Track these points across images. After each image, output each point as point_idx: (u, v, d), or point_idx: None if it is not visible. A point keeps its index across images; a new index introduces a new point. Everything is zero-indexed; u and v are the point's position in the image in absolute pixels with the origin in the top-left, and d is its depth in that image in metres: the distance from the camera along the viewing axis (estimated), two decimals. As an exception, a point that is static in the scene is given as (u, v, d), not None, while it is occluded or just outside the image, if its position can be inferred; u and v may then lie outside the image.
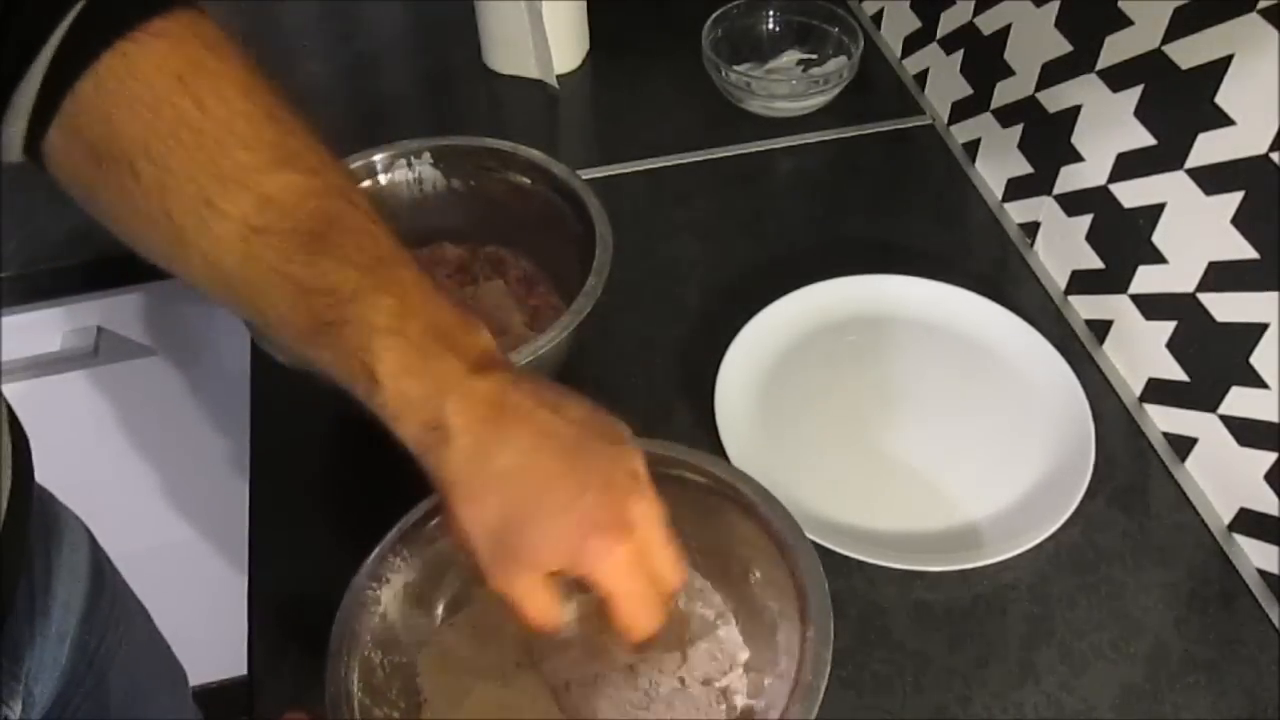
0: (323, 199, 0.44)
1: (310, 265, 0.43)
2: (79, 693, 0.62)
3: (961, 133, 0.95)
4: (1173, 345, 0.70)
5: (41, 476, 0.59)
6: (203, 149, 0.43)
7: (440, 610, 0.58)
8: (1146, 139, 0.69)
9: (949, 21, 0.93)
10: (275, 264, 0.43)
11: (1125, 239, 0.73)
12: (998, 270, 0.85)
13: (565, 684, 0.56)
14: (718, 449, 0.70)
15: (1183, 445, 0.71)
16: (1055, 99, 0.79)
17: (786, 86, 0.99)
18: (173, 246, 0.44)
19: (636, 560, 0.44)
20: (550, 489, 0.44)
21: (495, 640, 0.57)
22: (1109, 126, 0.72)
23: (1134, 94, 0.69)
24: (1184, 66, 0.64)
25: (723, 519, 0.57)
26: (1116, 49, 0.70)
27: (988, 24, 0.86)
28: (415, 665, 0.56)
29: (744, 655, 0.56)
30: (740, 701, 0.55)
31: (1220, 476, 0.68)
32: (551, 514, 0.43)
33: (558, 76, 1.02)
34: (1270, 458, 0.62)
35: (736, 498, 0.56)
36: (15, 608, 0.56)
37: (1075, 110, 0.76)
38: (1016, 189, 0.87)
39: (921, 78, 1.01)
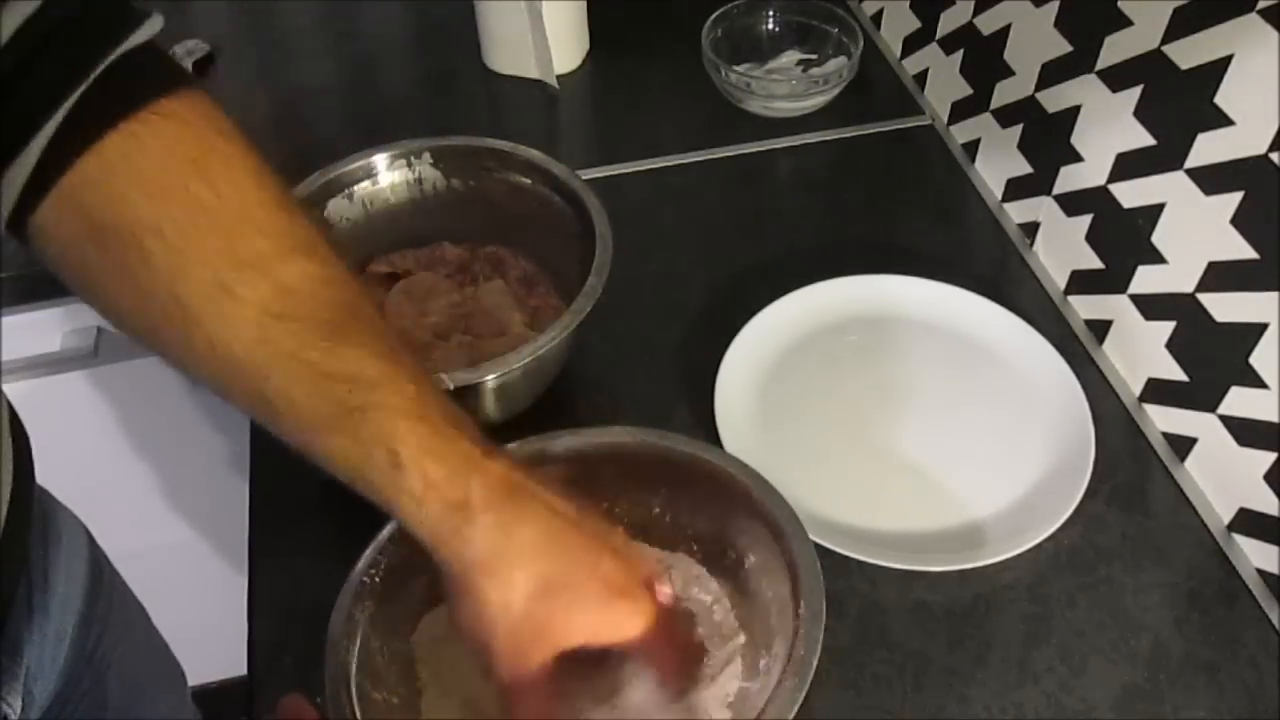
0: (337, 288, 0.45)
1: (330, 353, 0.43)
2: (78, 692, 0.62)
3: (961, 133, 0.95)
4: (1172, 345, 0.70)
5: (41, 477, 0.59)
6: (218, 233, 0.42)
7: (438, 599, 0.58)
8: (1146, 139, 0.69)
9: (949, 21, 0.93)
10: (293, 350, 0.43)
11: (1125, 239, 0.73)
12: (998, 270, 0.85)
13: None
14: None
15: (1182, 445, 0.71)
16: (1055, 99, 0.79)
17: (786, 86, 0.99)
18: (177, 330, 0.43)
19: (654, 621, 0.46)
20: (575, 561, 0.45)
21: None
22: (1109, 126, 0.72)
23: (1134, 94, 0.69)
24: (1184, 66, 0.64)
25: (718, 505, 0.57)
26: (1116, 49, 0.70)
27: (987, 24, 0.86)
28: (413, 652, 0.56)
29: (739, 639, 0.57)
30: (735, 685, 0.55)
31: (1220, 476, 0.68)
32: (578, 583, 0.44)
33: (558, 76, 1.02)
34: (1270, 458, 0.62)
35: (730, 482, 0.57)
36: (14, 607, 0.56)
37: (1075, 110, 0.76)
38: (1016, 189, 0.87)
39: (921, 78, 1.01)
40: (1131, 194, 0.71)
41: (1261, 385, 0.62)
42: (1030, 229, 0.86)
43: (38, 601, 0.59)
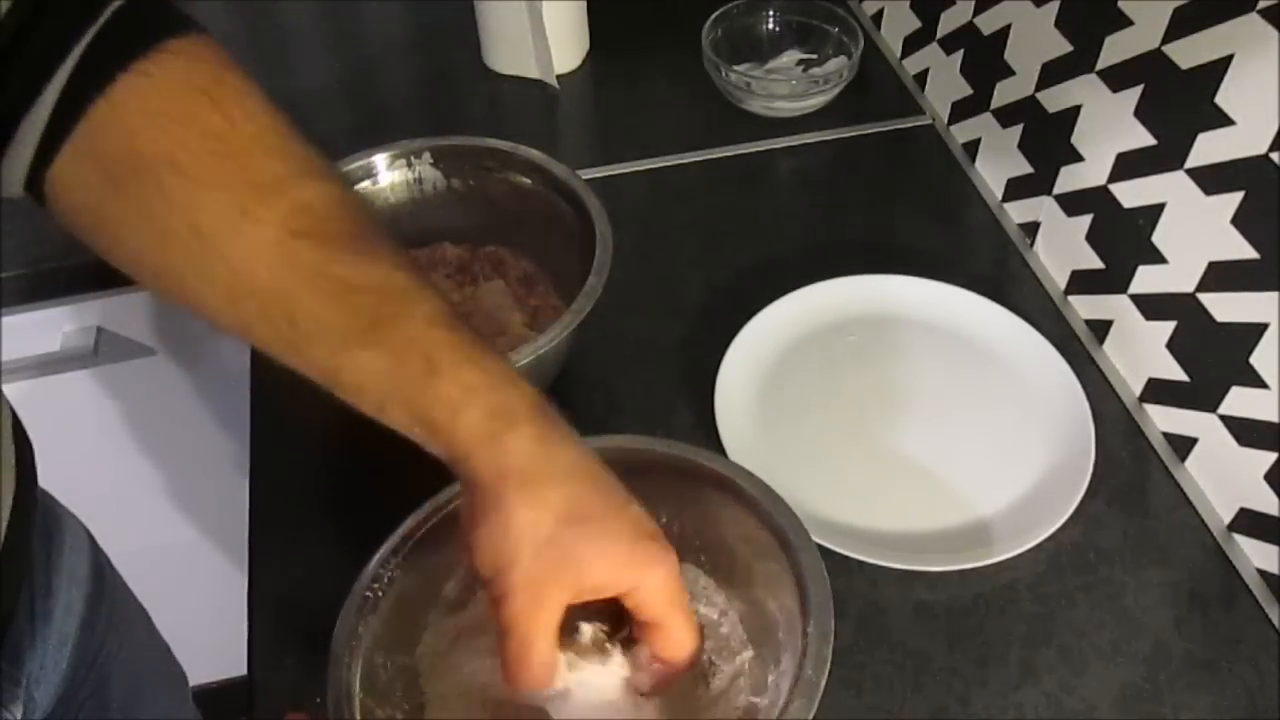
0: (354, 208, 0.45)
1: (355, 266, 0.43)
2: (80, 696, 0.62)
3: (961, 133, 0.95)
4: (1173, 345, 0.70)
5: (42, 477, 0.59)
6: (234, 159, 0.43)
7: (441, 612, 0.58)
8: (1146, 139, 0.69)
9: (949, 21, 0.93)
10: (318, 266, 0.42)
11: (1125, 239, 0.73)
12: (998, 270, 0.85)
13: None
14: (718, 449, 0.70)
15: (1183, 445, 0.71)
16: (1055, 99, 0.79)
17: (786, 86, 0.99)
18: (198, 266, 0.43)
19: (678, 581, 0.45)
20: (608, 495, 0.44)
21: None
22: (1109, 126, 0.72)
23: (1134, 94, 0.69)
24: (1184, 66, 0.64)
25: (724, 516, 0.57)
26: (1116, 49, 0.70)
27: (988, 24, 0.86)
28: (416, 666, 0.56)
29: (747, 654, 0.56)
30: (743, 700, 0.55)
31: (1220, 476, 0.68)
32: (612, 515, 0.43)
33: (558, 76, 1.02)
34: (1270, 458, 0.62)
35: (738, 494, 0.56)
36: (17, 612, 0.56)
37: (1075, 110, 0.76)
38: (1016, 189, 0.87)
39: (921, 78, 1.01)
40: (1132, 194, 0.71)
41: (1262, 385, 0.62)
42: (1030, 229, 0.86)
43: (40, 607, 0.59)
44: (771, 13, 1.04)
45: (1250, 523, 0.66)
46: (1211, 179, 0.63)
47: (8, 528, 0.51)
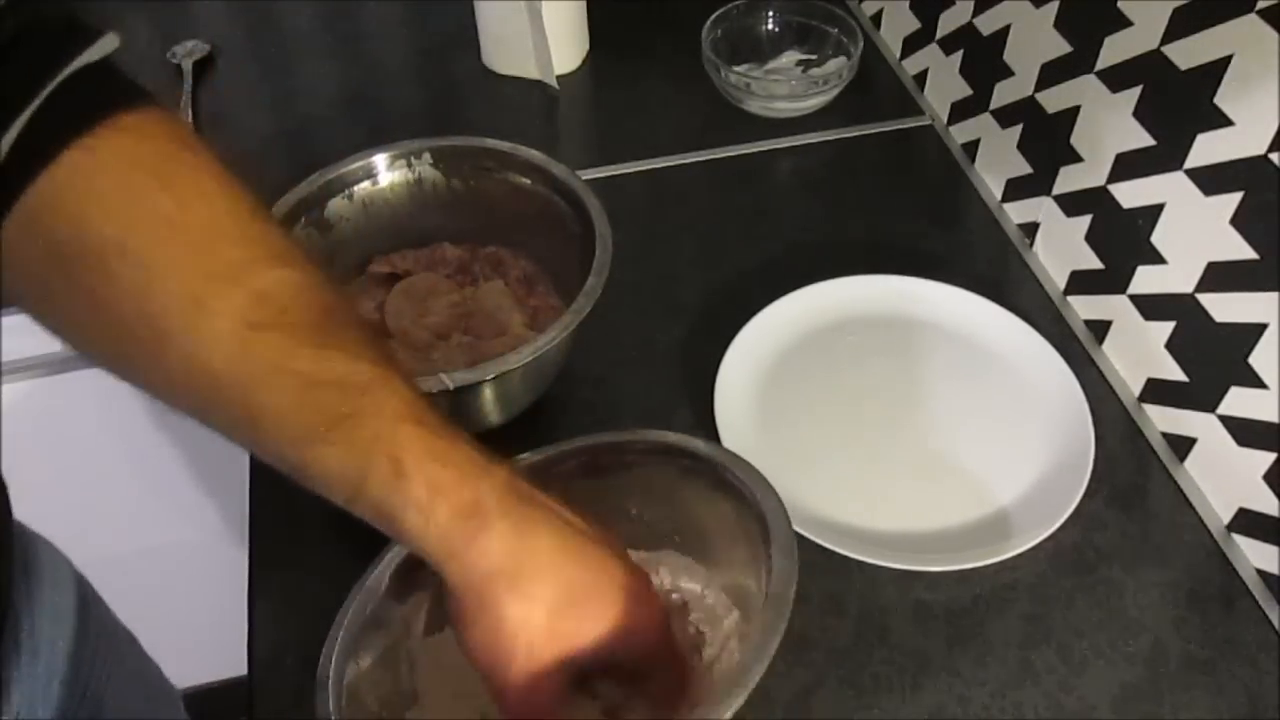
0: (317, 293, 0.42)
1: (316, 359, 0.41)
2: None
3: (961, 133, 0.95)
4: (1172, 345, 0.70)
5: (42, 477, 0.59)
6: (186, 246, 0.40)
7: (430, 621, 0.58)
8: (1146, 139, 0.69)
9: (948, 22, 0.93)
10: (276, 360, 0.40)
11: (1124, 239, 0.73)
12: (997, 270, 0.85)
13: None
14: (717, 449, 0.70)
15: (1182, 445, 0.71)
16: (1054, 99, 0.79)
17: (786, 87, 0.99)
18: (148, 352, 0.41)
19: (646, 656, 0.46)
20: (591, 569, 0.43)
21: None
22: (1109, 126, 0.72)
23: (1133, 94, 0.69)
24: (1183, 67, 0.64)
25: (687, 488, 0.57)
26: (1116, 49, 0.70)
27: (987, 24, 0.86)
28: (415, 685, 0.56)
29: (733, 615, 0.57)
30: (737, 660, 0.55)
31: (1219, 477, 0.68)
32: (601, 593, 0.43)
33: (558, 76, 1.02)
34: (1269, 458, 0.62)
35: (695, 458, 0.57)
36: (2, 652, 0.54)
37: (1074, 111, 0.76)
38: (1016, 189, 0.87)
39: (921, 78, 1.01)
40: (1131, 194, 0.72)
41: (1261, 385, 0.62)
42: (1030, 229, 0.86)
43: (25, 643, 0.56)
44: (771, 13, 1.04)
45: (1249, 523, 0.66)
46: (1211, 179, 0.63)
47: None
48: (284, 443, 0.42)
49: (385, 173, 0.77)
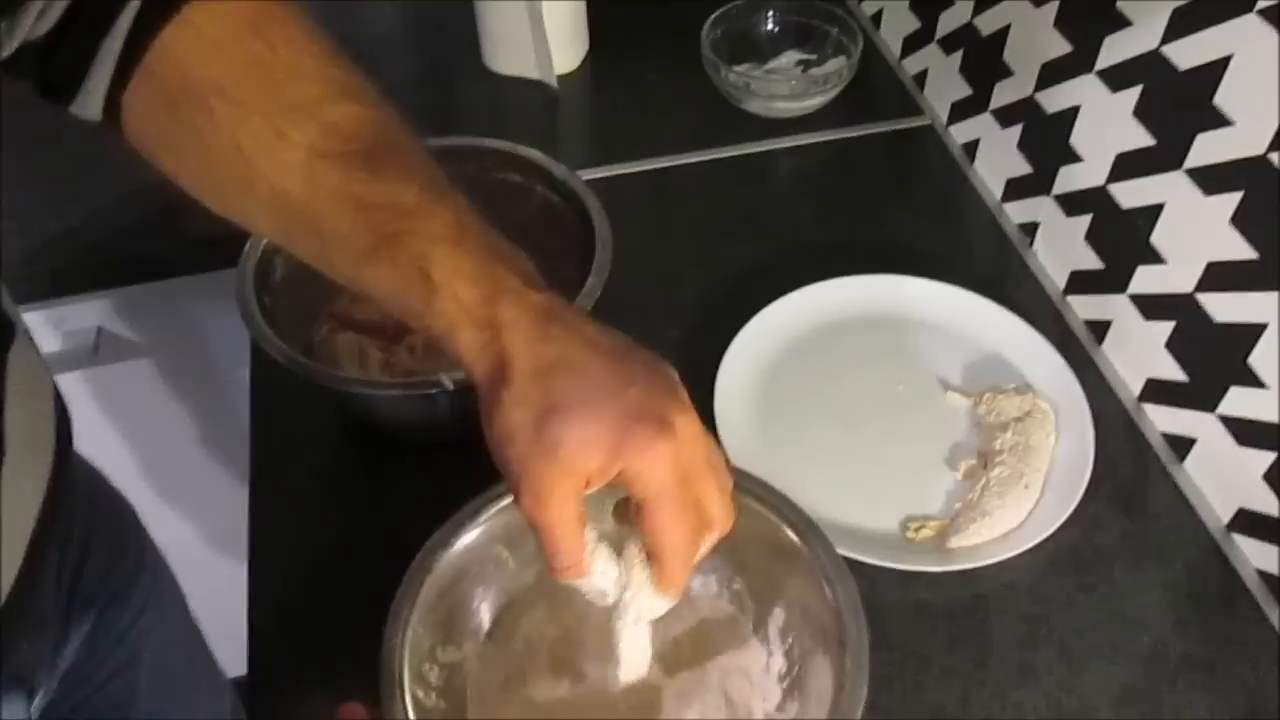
0: (381, 127, 0.48)
1: (371, 183, 0.45)
2: (100, 671, 0.64)
3: (961, 133, 0.95)
4: (1172, 345, 0.70)
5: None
6: (273, 84, 0.46)
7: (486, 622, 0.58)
8: (1146, 139, 0.69)
9: (948, 22, 0.93)
10: (337, 185, 0.45)
11: (1124, 239, 0.73)
12: (998, 270, 0.85)
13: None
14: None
15: (1182, 445, 0.71)
16: (1054, 99, 0.79)
17: (786, 87, 0.99)
18: (240, 180, 0.47)
19: (679, 467, 0.44)
20: (595, 383, 0.44)
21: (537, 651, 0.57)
22: (1108, 127, 0.72)
23: (1133, 94, 0.69)
24: (1183, 67, 0.64)
25: (765, 537, 0.56)
26: (1116, 49, 0.70)
27: (987, 24, 0.86)
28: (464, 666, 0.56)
29: (776, 665, 0.56)
30: (769, 709, 0.55)
31: (1219, 477, 0.68)
32: (596, 402, 0.43)
33: (558, 76, 1.02)
34: (1269, 458, 0.62)
35: (780, 517, 0.55)
36: (46, 577, 0.57)
37: (1074, 110, 0.76)
38: (1016, 189, 0.87)
39: (921, 78, 1.01)
40: (1131, 194, 0.72)
41: (1261, 385, 0.62)
42: (1030, 229, 0.86)
43: (67, 574, 0.60)
44: (771, 13, 1.04)
45: (1249, 523, 0.66)
46: (1210, 179, 0.63)
47: (46, 493, 0.53)
48: (347, 263, 0.46)
49: (385, 173, 0.77)
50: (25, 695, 0.57)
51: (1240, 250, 0.62)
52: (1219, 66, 0.61)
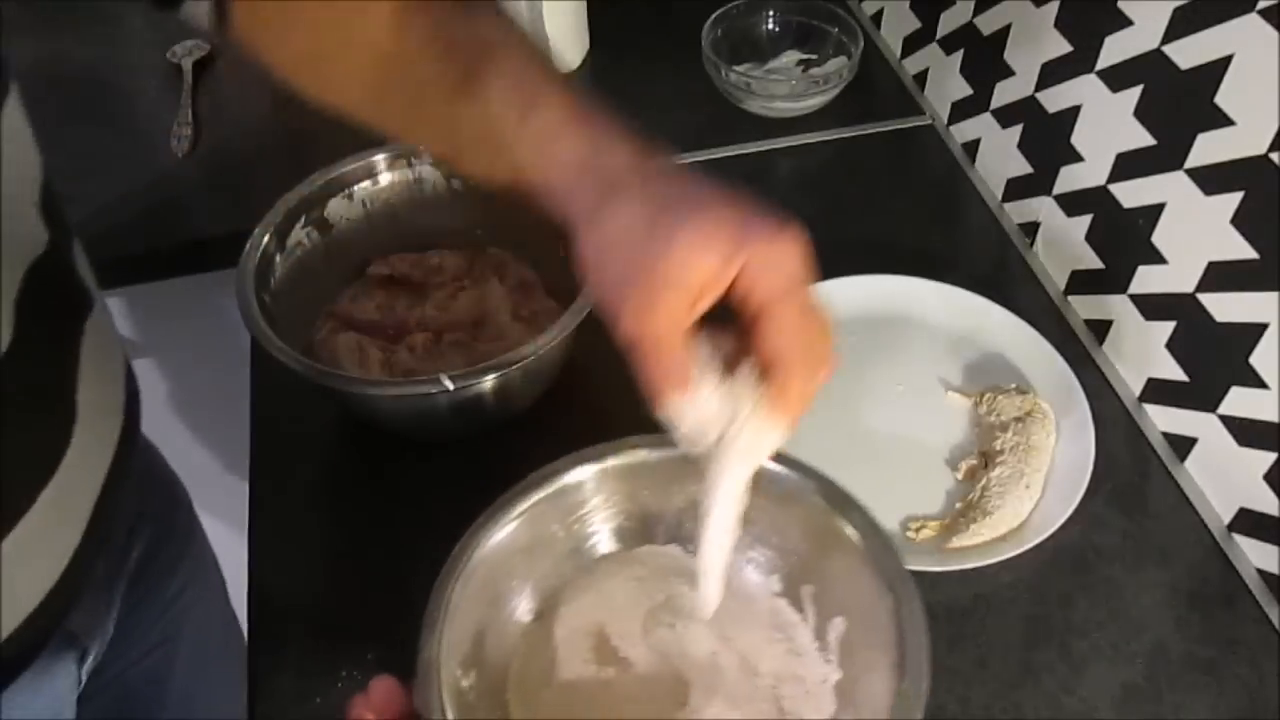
0: None
1: (456, 24, 0.48)
2: (146, 637, 0.67)
3: (961, 133, 0.95)
4: (1172, 345, 0.70)
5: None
6: None
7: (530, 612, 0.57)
8: (1146, 139, 0.69)
9: (949, 21, 0.93)
10: (426, 29, 0.48)
11: (1125, 239, 0.73)
12: (998, 270, 0.85)
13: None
14: (718, 449, 0.70)
15: (1182, 445, 0.71)
16: (1055, 99, 0.79)
17: (786, 87, 0.99)
18: (338, 43, 0.50)
19: (805, 266, 0.42)
20: (677, 198, 0.41)
21: (580, 651, 0.57)
22: (1109, 126, 0.72)
23: (1134, 94, 0.69)
24: (1184, 66, 0.64)
25: (836, 545, 0.54)
26: (1116, 49, 0.70)
27: (987, 24, 0.86)
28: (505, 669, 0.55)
29: (834, 676, 0.54)
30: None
31: (1220, 476, 0.68)
32: (713, 203, 0.41)
33: (558, 76, 1.02)
34: (1270, 458, 0.62)
35: (852, 525, 0.54)
36: (105, 544, 0.59)
37: (1075, 110, 0.76)
38: (1016, 189, 0.87)
39: (921, 78, 1.01)
40: (1131, 194, 0.72)
41: (1261, 385, 0.62)
42: (1030, 229, 0.86)
43: (121, 542, 0.64)
44: (771, 13, 1.04)
45: (1250, 523, 0.66)
46: (1211, 179, 0.63)
47: (111, 464, 0.55)
48: (437, 105, 0.48)
49: (385, 172, 0.77)
50: (78, 656, 0.59)
51: (1241, 250, 0.62)
52: (1220, 66, 0.60)
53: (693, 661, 0.55)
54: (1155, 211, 0.69)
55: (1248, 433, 0.64)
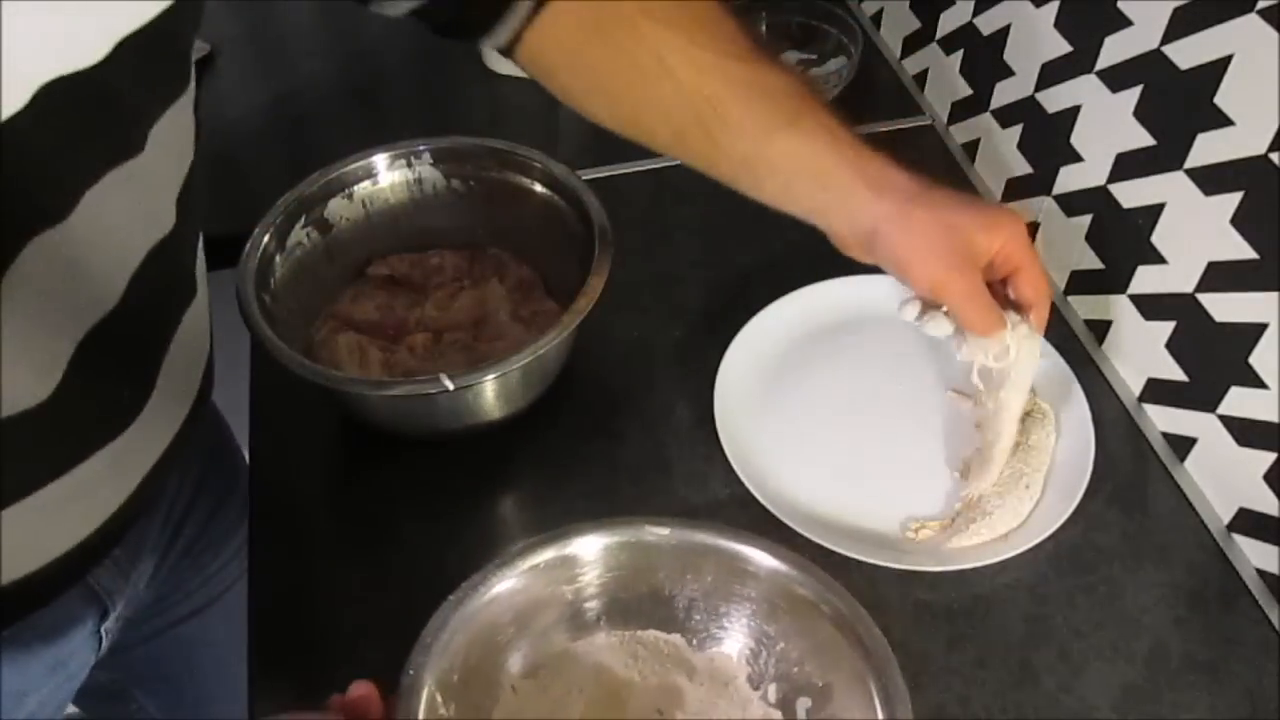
0: (753, 34, 0.61)
1: (771, 75, 0.59)
2: (185, 605, 0.71)
3: (961, 133, 0.95)
4: (1172, 345, 0.70)
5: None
6: (686, 4, 0.59)
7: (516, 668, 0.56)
8: (1146, 139, 0.69)
9: (949, 22, 0.93)
10: (745, 76, 0.58)
11: (1125, 239, 0.73)
12: (997, 270, 0.85)
13: None
14: (718, 449, 0.70)
15: (1182, 445, 0.71)
16: (1055, 99, 0.79)
17: (786, 87, 0.99)
18: (652, 86, 0.59)
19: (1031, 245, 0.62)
20: (963, 200, 0.62)
21: (566, 702, 0.56)
22: (1109, 126, 0.72)
23: (1133, 94, 0.69)
24: (1183, 66, 0.64)
25: (838, 660, 0.54)
26: (1116, 49, 0.70)
27: (987, 24, 0.86)
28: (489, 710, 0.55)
29: None
30: None
31: (1219, 476, 0.68)
32: (955, 202, 0.61)
33: (558, 76, 1.01)
34: (1269, 458, 0.62)
35: (856, 643, 0.53)
36: (156, 510, 0.64)
37: (1075, 110, 0.76)
38: (1016, 189, 0.87)
39: (921, 78, 1.01)
40: (1131, 194, 0.71)
41: (1261, 385, 0.62)
42: (1030, 229, 0.86)
43: (178, 509, 0.69)
44: (771, 13, 1.04)
45: (1250, 523, 0.66)
46: (1211, 179, 0.63)
47: (175, 437, 0.59)
48: (747, 140, 0.60)
49: (385, 172, 0.77)
50: (98, 612, 0.61)
51: (1241, 250, 0.62)
52: (1220, 66, 0.60)
53: None
54: (1155, 211, 0.69)
55: (1248, 433, 0.64)
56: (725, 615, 0.57)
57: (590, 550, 0.55)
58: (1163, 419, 0.73)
